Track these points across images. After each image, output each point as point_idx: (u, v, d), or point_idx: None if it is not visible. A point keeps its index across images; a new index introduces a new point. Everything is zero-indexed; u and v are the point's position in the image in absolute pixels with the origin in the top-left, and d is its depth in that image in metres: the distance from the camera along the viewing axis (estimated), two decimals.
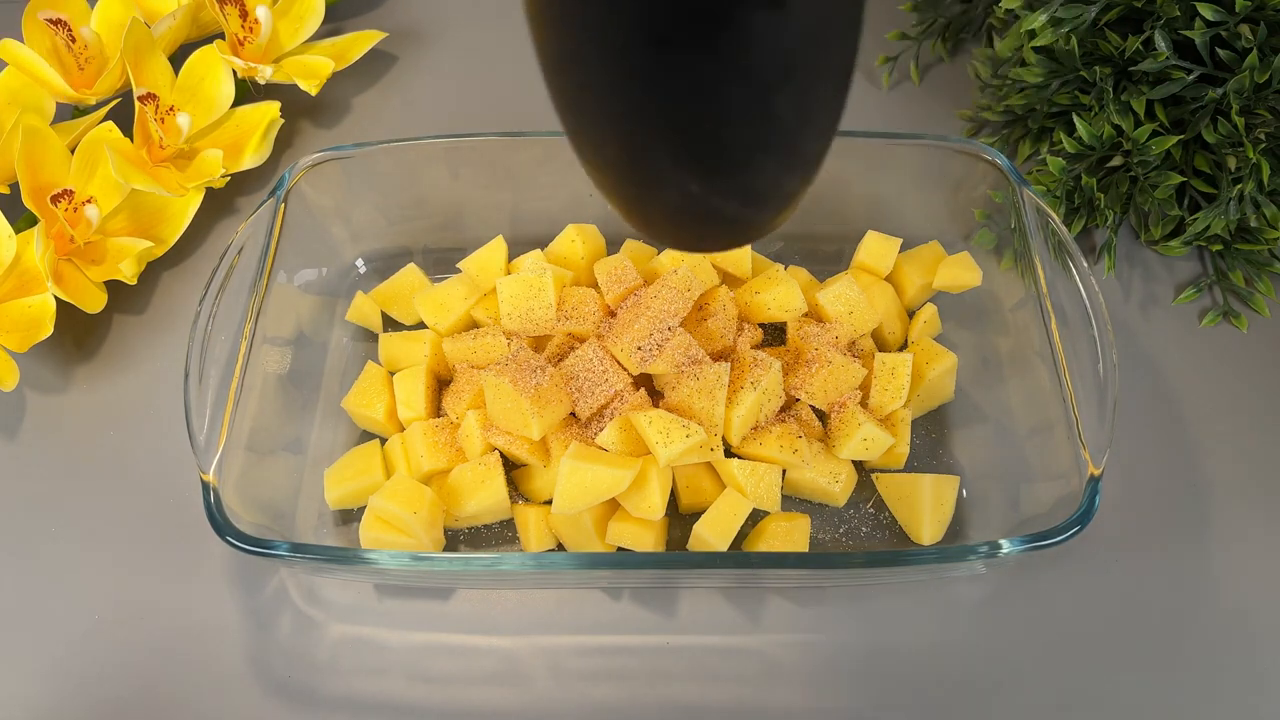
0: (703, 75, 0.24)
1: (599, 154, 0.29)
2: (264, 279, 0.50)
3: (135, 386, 0.57)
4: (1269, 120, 0.52)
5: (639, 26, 0.23)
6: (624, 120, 0.27)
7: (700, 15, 0.23)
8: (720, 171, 0.28)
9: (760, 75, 0.25)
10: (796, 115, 0.27)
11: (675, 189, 0.29)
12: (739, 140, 0.27)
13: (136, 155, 0.59)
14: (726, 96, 0.25)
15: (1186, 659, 0.47)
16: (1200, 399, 0.55)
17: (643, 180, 0.29)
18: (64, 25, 0.60)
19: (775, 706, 0.46)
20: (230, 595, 0.49)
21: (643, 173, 0.29)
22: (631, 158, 0.28)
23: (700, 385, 0.47)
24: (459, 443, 0.50)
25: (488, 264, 0.55)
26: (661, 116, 0.26)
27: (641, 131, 0.27)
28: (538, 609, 0.49)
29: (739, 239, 0.33)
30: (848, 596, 0.49)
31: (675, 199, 0.29)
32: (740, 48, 0.24)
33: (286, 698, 0.46)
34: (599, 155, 0.29)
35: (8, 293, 0.54)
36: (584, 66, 0.25)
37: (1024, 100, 0.60)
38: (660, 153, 0.27)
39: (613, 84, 0.25)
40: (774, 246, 0.59)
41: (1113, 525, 0.50)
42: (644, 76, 0.25)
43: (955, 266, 0.54)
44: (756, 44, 0.24)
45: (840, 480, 0.49)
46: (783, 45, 0.24)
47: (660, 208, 0.30)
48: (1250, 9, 0.50)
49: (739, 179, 0.29)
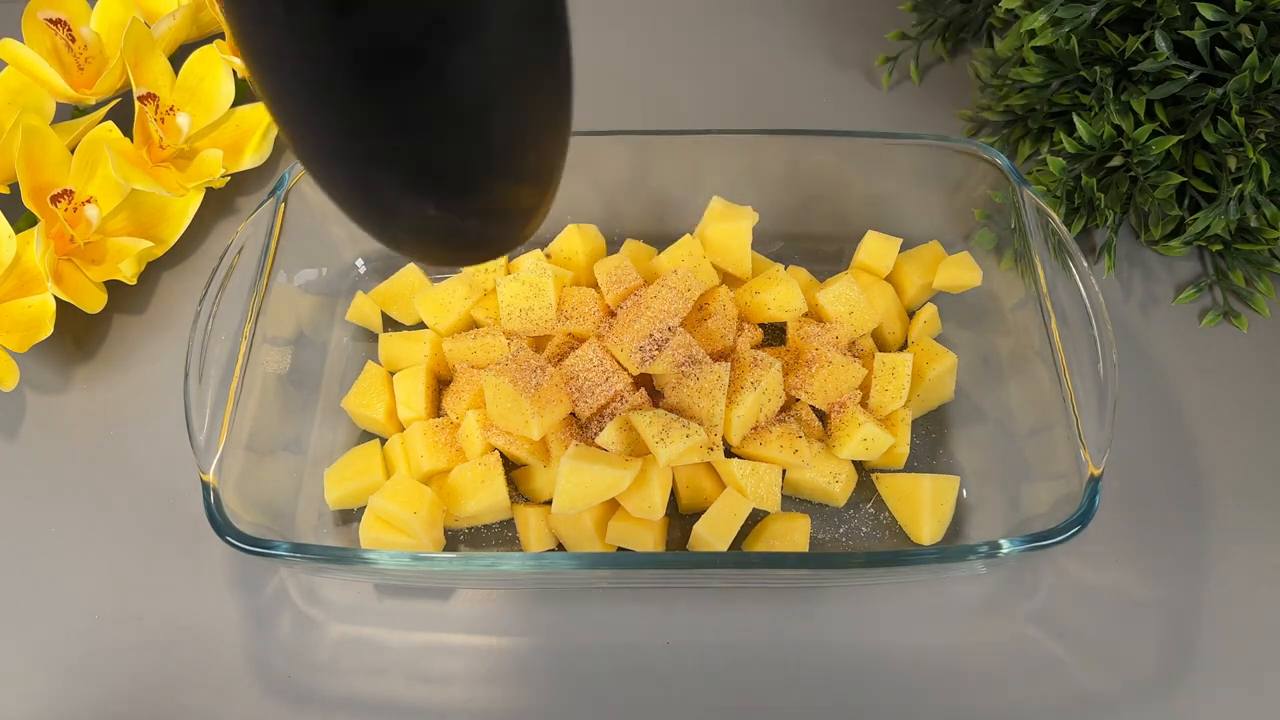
0: (404, 108, 0.25)
1: (331, 186, 0.29)
2: (264, 279, 0.50)
3: (135, 386, 0.57)
4: (1269, 120, 0.52)
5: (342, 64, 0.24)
6: (344, 154, 0.27)
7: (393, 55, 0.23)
8: (451, 195, 0.29)
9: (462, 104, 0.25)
10: (513, 138, 0.28)
11: (413, 213, 0.29)
12: (460, 165, 0.27)
13: (136, 155, 0.59)
14: (435, 127, 0.26)
15: (1186, 659, 0.47)
16: (1200, 399, 0.55)
17: (379, 207, 0.29)
18: (64, 25, 0.60)
19: (775, 706, 0.46)
20: (230, 595, 0.49)
21: (376, 201, 0.29)
22: (362, 189, 0.29)
23: (700, 385, 0.47)
24: (459, 443, 0.50)
25: (488, 264, 0.55)
26: (377, 150, 0.26)
27: (363, 166, 0.27)
28: (538, 609, 0.49)
29: (491, 253, 0.34)
30: (848, 596, 0.49)
31: (415, 222, 0.30)
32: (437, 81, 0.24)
33: (286, 698, 0.46)
34: (332, 187, 0.29)
35: (8, 293, 0.54)
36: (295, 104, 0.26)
37: (1024, 100, 0.60)
38: (387, 183, 0.28)
39: (322, 121, 0.26)
40: (774, 246, 0.59)
41: (1113, 525, 0.50)
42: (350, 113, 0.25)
43: (955, 266, 0.54)
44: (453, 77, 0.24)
45: (840, 480, 0.49)
46: (478, 77, 0.25)
47: (404, 230, 0.31)
48: (1250, 9, 0.50)
49: (471, 200, 0.29)
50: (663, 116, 0.68)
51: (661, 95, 0.70)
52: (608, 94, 0.70)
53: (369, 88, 0.24)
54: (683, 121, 0.68)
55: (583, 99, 0.78)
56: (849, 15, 0.74)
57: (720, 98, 0.70)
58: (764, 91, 0.70)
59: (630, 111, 0.69)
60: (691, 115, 0.69)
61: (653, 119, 0.68)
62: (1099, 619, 0.48)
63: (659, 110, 0.69)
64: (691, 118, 0.68)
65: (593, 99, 0.70)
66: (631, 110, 0.69)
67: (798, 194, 0.57)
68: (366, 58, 0.24)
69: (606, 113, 0.69)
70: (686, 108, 0.69)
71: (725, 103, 0.69)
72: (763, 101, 0.70)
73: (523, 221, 0.32)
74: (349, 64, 0.24)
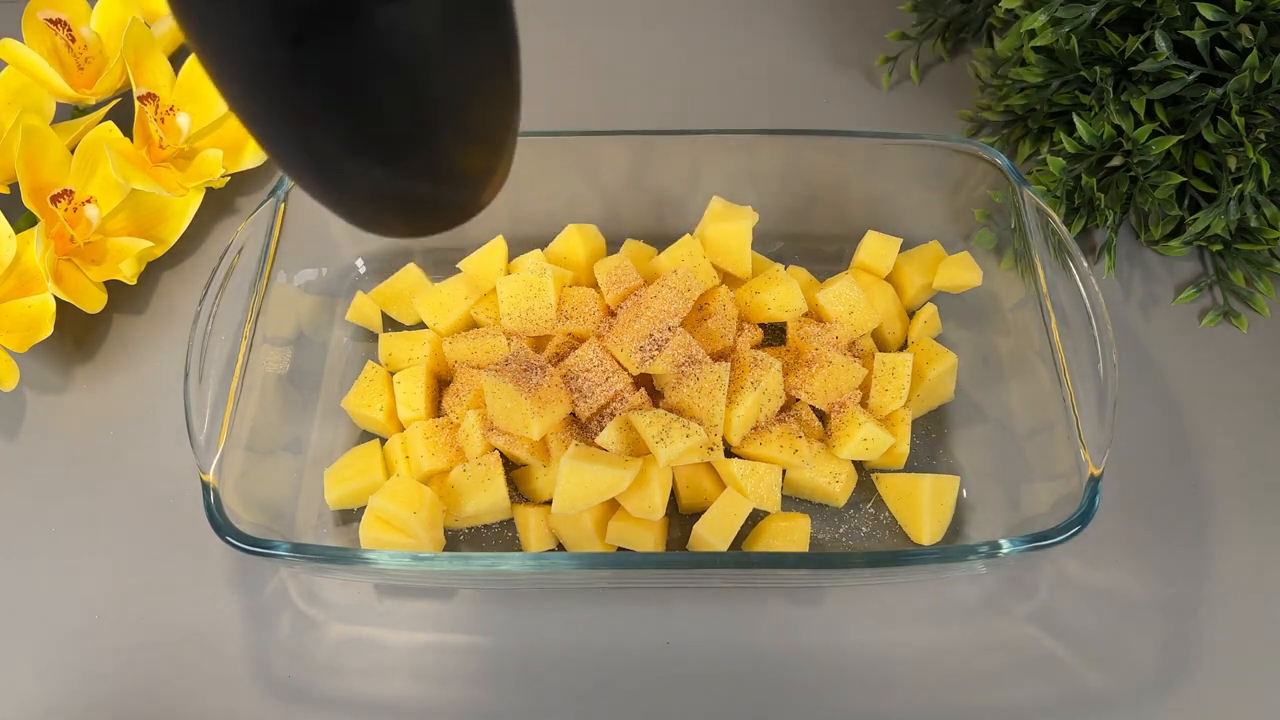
0: (341, 67, 0.24)
1: (278, 153, 0.28)
2: (264, 279, 0.50)
3: (135, 386, 0.57)
4: (1269, 120, 0.52)
5: (268, 28, 0.24)
6: (285, 119, 0.27)
7: (325, 12, 0.23)
8: (397, 156, 0.28)
9: (400, 61, 0.25)
10: (452, 91, 0.27)
11: (362, 178, 0.28)
12: (402, 124, 0.27)
13: (136, 155, 0.59)
14: (375, 86, 0.25)
15: (1187, 659, 0.47)
16: (1200, 399, 0.55)
17: (328, 173, 0.29)
18: (64, 25, 0.60)
19: (775, 706, 0.46)
20: (230, 595, 0.49)
21: (323, 167, 0.28)
22: (307, 153, 0.28)
23: (700, 385, 0.47)
24: (459, 443, 0.50)
25: (488, 264, 0.55)
26: (316, 111, 0.26)
27: (304, 127, 0.27)
28: (538, 609, 0.49)
29: (448, 220, 0.32)
30: (848, 596, 0.49)
31: (365, 187, 0.29)
32: (371, 39, 0.24)
33: (286, 698, 0.46)
34: (279, 155, 0.28)
35: (8, 293, 0.54)
36: (233, 68, 0.25)
37: (1024, 100, 0.60)
38: (330, 145, 0.27)
39: (260, 85, 0.25)
40: (774, 246, 0.59)
41: (1113, 525, 0.50)
42: (285, 74, 0.25)
43: (955, 266, 0.54)
44: (387, 34, 0.24)
45: (840, 480, 0.49)
46: (414, 31, 0.24)
47: (357, 197, 0.30)
48: (1250, 9, 0.50)
49: (419, 160, 0.28)
50: (663, 116, 0.68)
51: (662, 95, 0.70)
52: (608, 94, 0.70)
53: (302, 49, 0.24)
54: (683, 121, 0.68)
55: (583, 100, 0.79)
56: (849, 15, 0.74)
57: (720, 98, 0.70)
58: (764, 91, 0.70)
59: (630, 111, 0.69)
60: (691, 115, 0.69)
61: (653, 119, 0.68)
62: (1099, 619, 0.48)
63: (659, 110, 0.69)
64: (691, 118, 0.68)
65: (593, 99, 0.70)
66: (631, 110, 0.69)
67: (798, 194, 0.57)
68: (296, 17, 0.23)
69: (607, 113, 0.69)
70: (687, 108, 0.69)
71: (725, 103, 0.69)
72: (763, 101, 0.70)
73: (476, 184, 0.31)
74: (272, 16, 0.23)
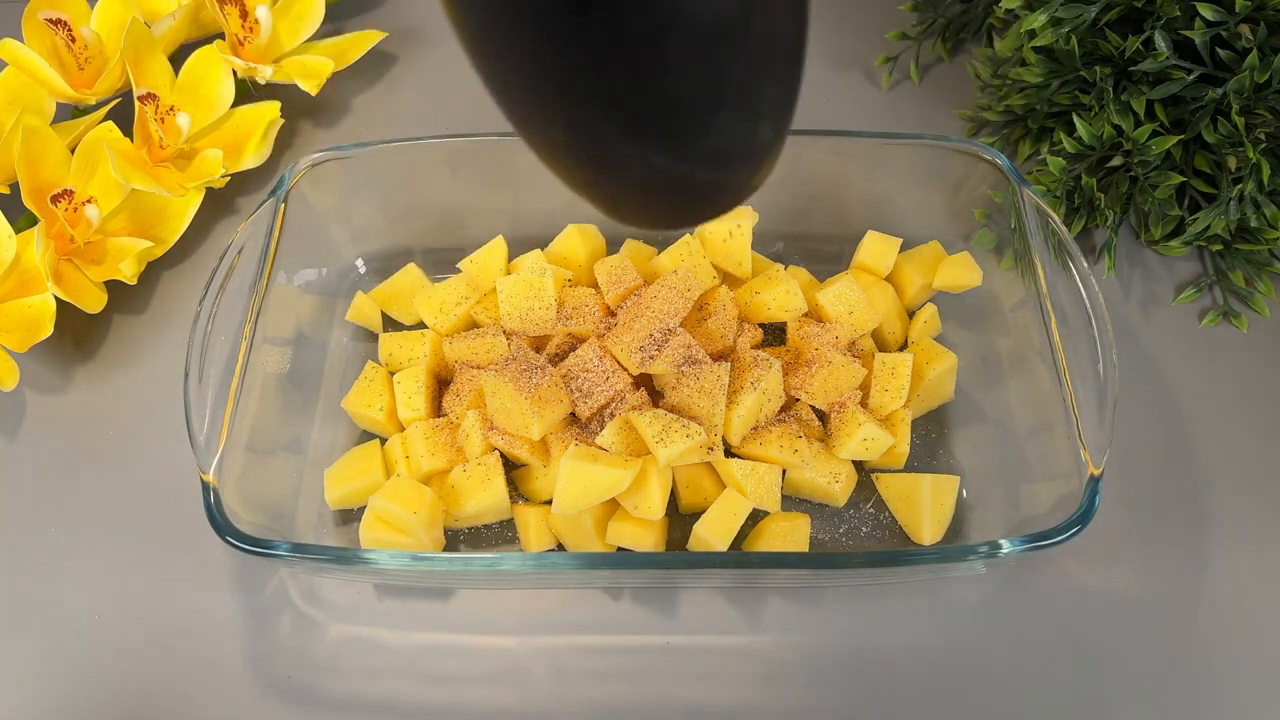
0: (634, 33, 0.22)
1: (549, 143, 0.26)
2: (264, 279, 0.50)
3: (135, 386, 0.57)
4: (1269, 120, 0.52)
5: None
6: (564, 100, 0.24)
7: None
8: (680, 137, 0.25)
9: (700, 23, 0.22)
10: (751, 60, 0.24)
11: (638, 165, 0.26)
12: (692, 99, 0.24)
13: (136, 155, 0.59)
14: (667, 54, 0.23)
15: (1186, 659, 0.47)
16: (1200, 399, 0.55)
17: (602, 162, 0.27)
18: (64, 25, 0.60)
19: (775, 707, 0.46)
20: (230, 595, 0.49)
21: (599, 154, 0.26)
22: (583, 140, 0.26)
23: (700, 385, 0.47)
24: (459, 443, 0.50)
25: (488, 264, 0.55)
26: (601, 87, 0.24)
27: (585, 109, 0.24)
28: (538, 609, 0.49)
29: (717, 208, 0.30)
30: (848, 596, 0.49)
31: (640, 175, 0.27)
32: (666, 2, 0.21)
33: (286, 698, 0.46)
34: (550, 144, 0.26)
35: (8, 293, 0.54)
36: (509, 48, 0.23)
37: (1024, 100, 0.60)
38: (611, 128, 0.25)
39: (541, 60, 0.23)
40: (774, 246, 0.59)
41: (1113, 525, 0.50)
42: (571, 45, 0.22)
43: (955, 266, 0.54)
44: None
45: (840, 480, 0.49)
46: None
47: (628, 188, 0.28)
48: (1250, 9, 0.50)
49: (703, 141, 0.26)
50: None
51: None
52: None
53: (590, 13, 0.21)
54: None
55: None
56: (849, 15, 0.74)
57: None
58: None
59: None
60: None
61: None
62: (1099, 619, 0.48)
63: None
64: None
65: None
66: None
67: (798, 194, 0.57)
68: None
69: None
70: None
71: None
72: None
73: (755, 164, 0.29)
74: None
